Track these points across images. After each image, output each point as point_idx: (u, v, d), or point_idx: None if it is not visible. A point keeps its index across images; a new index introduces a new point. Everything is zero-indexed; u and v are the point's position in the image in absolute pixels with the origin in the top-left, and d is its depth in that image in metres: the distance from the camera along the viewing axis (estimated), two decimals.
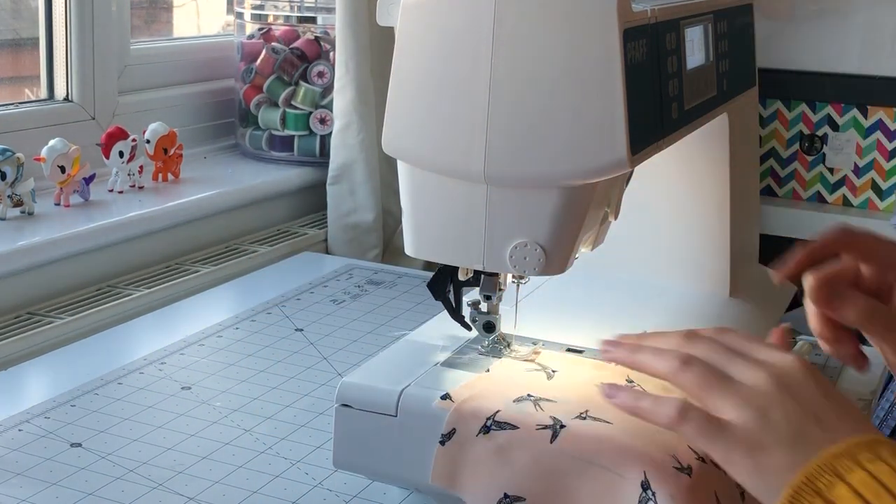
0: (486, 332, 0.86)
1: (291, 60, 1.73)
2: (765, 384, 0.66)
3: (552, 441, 0.73)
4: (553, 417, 0.74)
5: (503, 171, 0.74)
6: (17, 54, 1.61)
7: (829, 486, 0.61)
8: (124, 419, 0.98)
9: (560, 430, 0.73)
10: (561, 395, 0.78)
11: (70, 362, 1.12)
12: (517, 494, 0.73)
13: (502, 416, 0.75)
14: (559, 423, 0.74)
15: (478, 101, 0.73)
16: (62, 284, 1.31)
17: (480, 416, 0.75)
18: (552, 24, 0.71)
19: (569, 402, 0.77)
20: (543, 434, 0.73)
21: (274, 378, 1.08)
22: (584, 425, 0.74)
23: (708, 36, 0.93)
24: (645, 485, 0.71)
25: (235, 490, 0.87)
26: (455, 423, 0.75)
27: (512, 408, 0.76)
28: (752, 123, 1.16)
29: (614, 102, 0.71)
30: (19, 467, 0.89)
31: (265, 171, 1.71)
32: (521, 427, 0.74)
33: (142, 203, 1.45)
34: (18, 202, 1.33)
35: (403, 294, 1.36)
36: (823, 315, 0.78)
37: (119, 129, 1.46)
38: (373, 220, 1.67)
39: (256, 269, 1.47)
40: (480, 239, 0.78)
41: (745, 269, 1.12)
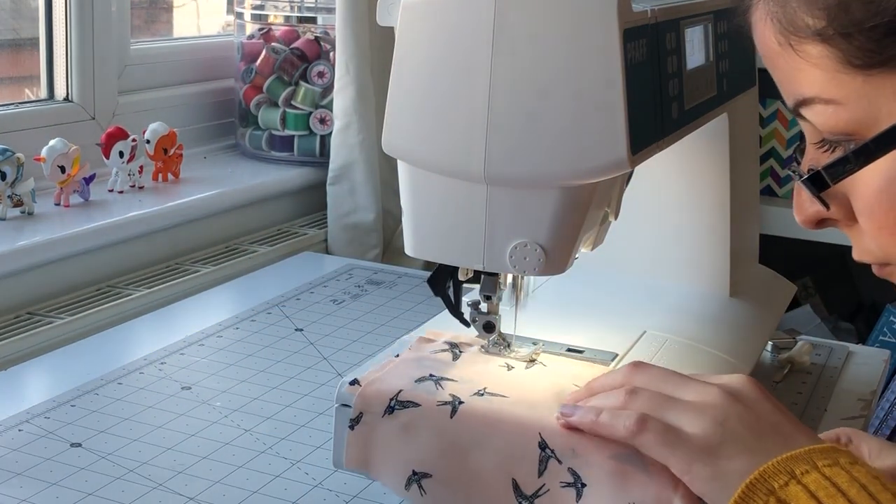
0: (485, 332, 0.86)
1: (291, 60, 1.73)
2: (717, 397, 0.68)
3: (452, 416, 0.75)
4: (452, 394, 0.77)
5: (503, 171, 0.74)
6: (17, 54, 1.61)
7: (782, 485, 0.62)
8: (124, 419, 0.98)
9: (459, 406, 0.76)
10: (462, 376, 0.81)
11: (70, 362, 1.12)
12: (424, 471, 0.75)
13: (404, 395, 0.77)
14: (458, 399, 0.76)
15: (478, 101, 0.73)
16: (62, 284, 1.31)
17: (384, 398, 0.77)
18: (552, 24, 0.71)
19: (469, 381, 0.80)
20: (444, 410, 0.76)
21: (274, 378, 1.08)
22: (481, 400, 0.77)
23: (708, 36, 0.93)
24: (542, 444, 0.73)
25: (235, 490, 0.87)
26: (361, 406, 0.78)
27: (414, 387, 0.78)
28: (752, 123, 1.16)
29: (614, 102, 0.71)
30: (19, 467, 0.89)
31: (265, 171, 1.71)
32: (422, 405, 0.77)
33: (142, 203, 1.45)
34: (18, 202, 1.33)
35: (403, 294, 1.36)
36: None
37: (119, 129, 1.46)
38: (373, 220, 1.67)
39: (256, 269, 1.47)
40: (480, 239, 0.78)
41: (745, 269, 1.12)
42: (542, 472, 0.73)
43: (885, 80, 0.59)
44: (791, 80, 0.64)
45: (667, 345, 0.93)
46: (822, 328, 2.03)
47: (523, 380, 0.82)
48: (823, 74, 0.61)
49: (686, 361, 0.91)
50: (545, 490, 0.73)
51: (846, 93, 0.61)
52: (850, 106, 0.61)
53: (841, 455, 0.63)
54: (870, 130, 0.60)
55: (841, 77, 0.60)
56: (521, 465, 0.74)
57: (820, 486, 0.61)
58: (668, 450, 0.66)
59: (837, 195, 0.64)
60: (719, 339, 0.98)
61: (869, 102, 0.60)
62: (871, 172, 0.61)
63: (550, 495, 0.73)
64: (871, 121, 0.60)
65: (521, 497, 0.73)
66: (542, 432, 0.73)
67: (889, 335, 1.92)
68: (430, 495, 0.75)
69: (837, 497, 0.60)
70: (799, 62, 0.62)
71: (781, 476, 0.62)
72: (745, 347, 0.99)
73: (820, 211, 0.66)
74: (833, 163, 0.62)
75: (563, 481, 0.72)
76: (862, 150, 0.60)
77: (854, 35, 0.59)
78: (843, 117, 0.61)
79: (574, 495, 0.72)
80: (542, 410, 0.76)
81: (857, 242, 0.66)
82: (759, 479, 0.62)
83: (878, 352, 1.22)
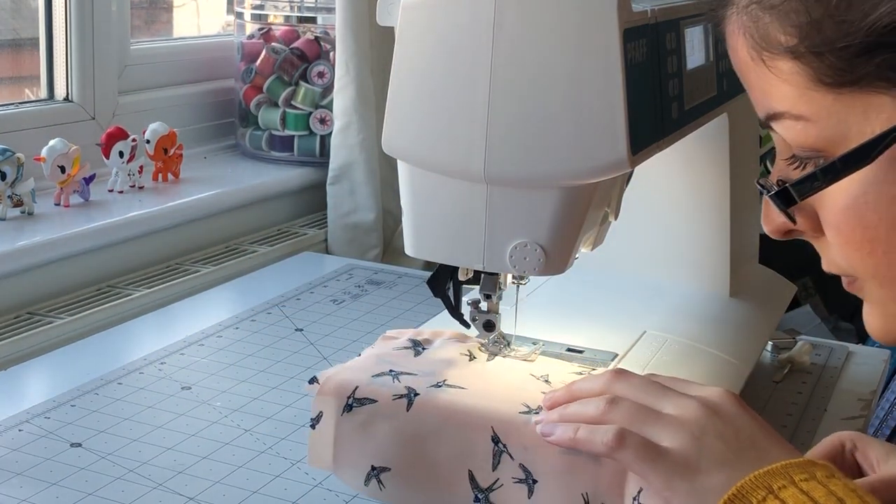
0: (485, 330, 0.86)
1: (291, 60, 1.73)
2: (695, 412, 0.68)
3: (408, 409, 0.76)
4: (407, 387, 0.77)
5: (503, 171, 0.74)
6: (17, 54, 1.61)
7: (760, 500, 0.62)
8: (124, 419, 0.98)
9: (414, 399, 0.76)
10: (422, 369, 0.81)
11: (70, 362, 1.12)
12: (382, 465, 0.76)
13: (361, 392, 0.77)
14: (413, 391, 0.77)
15: (478, 101, 0.73)
16: (62, 284, 1.31)
17: (342, 396, 0.77)
18: (552, 24, 0.71)
19: (429, 374, 0.80)
20: (400, 403, 0.76)
21: (274, 378, 1.08)
22: (438, 392, 0.77)
23: (708, 36, 0.93)
24: (495, 439, 0.74)
25: (235, 490, 0.87)
26: (320, 405, 0.78)
27: (370, 382, 0.78)
28: (752, 123, 1.16)
29: (614, 102, 0.71)
30: (19, 467, 0.89)
31: (265, 171, 1.70)
32: (379, 400, 0.77)
33: (142, 203, 1.45)
34: (18, 202, 1.33)
35: (403, 294, 1.36)
36: None
37: (119, 129, 1.46)
38: (373, 220, 1.67)
39: (256, 269, 1.47)
40: (480, 239, 0.78)
41: (745, 269, 1.12)
42: (496, 466, 0.74)
43: (854, 100, 0.60)
44: (762, 94, 0.65)
45: (667, 345, 0.93)
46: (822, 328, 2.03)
47: (484, 372, 0.82)
48: (794, 90, 0.62)
49: (686, 361, 0.91)
50: (499, 485, 0.73)
51: (816, 110, 0.61)
52: (819, 123, 0.61)
53: (818, 469, 0.63)
54: (838, 148, 0.61)
55: (811, 94, 0.61)
56: (476, 458, 0.74)
57: (798, 500, 0.61)
58: (647, 465, 0.66)
59: (805, 208, 0.65)
60: (719, 339, 0.98)
61: (838, 120, 0.61)
62: (838, 189, 0.62)
63: (504, 490, 0.73)
64: (839, 138, 0.61)
65: (477, 489, 0.74)
66: (494, 426, 0.74)
67: None
68: (389, 489, 0.76)
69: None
70: (770, 77, 0.63)
71: (759, 491, 0.62)
72: (745, 347, 0.99)
73: (787, 223, 0.66)
74: (801, 179, 0.63)
75: (516, 477, 0.73)
76: (829, 168, 0.61)
77: (825, 54, 0.59)
78: (812, 134, 0.62)
79: (526, 492, 0.73)
80: (498, 403, 0.76)
81: (824, 254, 0.67)
82: (737, 494, 0.62)
83: (878, 352, 1.22)
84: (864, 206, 0.61)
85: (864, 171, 0.60)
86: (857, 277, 0.66)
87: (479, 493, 0.74)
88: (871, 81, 0.59)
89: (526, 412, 0.75)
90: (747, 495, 0.62)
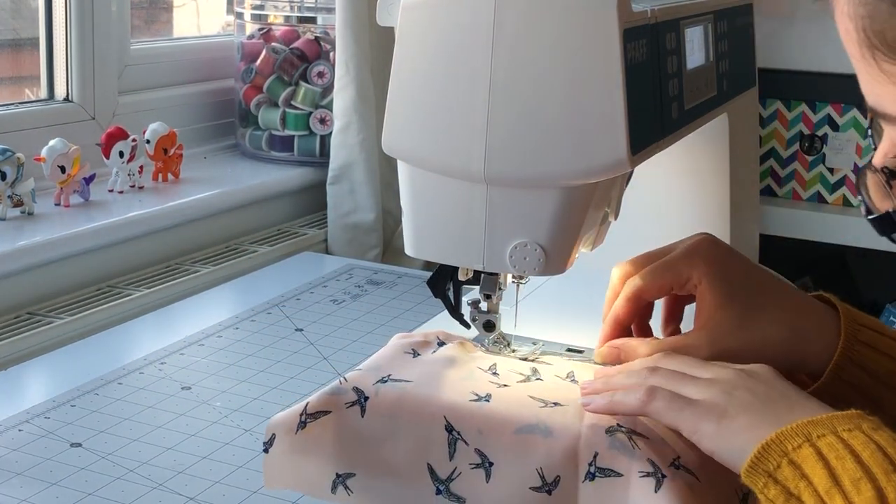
0: (485, 330, 0.86)
1: (291, 60, 1.73)
2: (729, 374, 0.69)
3: (363, 416, 0.76)
4: (356, 389, 0.77)
5: (503, 171, 0.74)
6: (17, 54, 1.61)
7: (797, 447, 0.62)
8: (124, 419, 0.98)
9: (366, 403, 0.76)
10: (367, 364, 0.81)
11: (70, 362, 1.12)
12: (347, 471, 0.75)
13: (312, 406, 0.77)
14: (362, 394, 0.76)
15: (478, 102, 0.73)
16: (62, 284, 1.31)
17: (294, 414, 0.77)
18: (552, 24, 0.71)
19: (375, 368, 0.80)
20: (353, 410, 0.76)
21: (274, 378, 1.08)
22: (384, 389, 0.77)
23: (708, 36, 0.93)
24: (449, 427, 0.74)
25: (235, 490, 0.87)
26: (272, 429, 0.77)
27: (319, 394, 0.78)
28: (752, 123, 1.16)
29: (614, 102, 0.71)
30: (19, 467, 0.89)
31: (265, 171, 1.71)
32: (332, 410, 0.76)
33: (142, 203, 1.45)
34: (18, 202, 1.33)
35: (403, 294, 1.36)
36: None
37: (119, 129, 1.46)
38: (373, 220, 1.67)
39: (256, 269, 1.47)
40: (480, 239, 0.78)
41: None
42: (452, 456, 0.74)
43: None
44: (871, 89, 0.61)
45: None
46: None
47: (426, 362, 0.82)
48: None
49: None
50: (458, 473, 0.74)
51: None
52: None
53: (864, 421, 0.62)
54: None
55: None
56: (433, 450, 0.74)
57: (832, 448, 0.60)
58: (675, 413, 0.67)
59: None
60: None
61: None
62: None
63: (463, 478, 0.73)
64: None
65: (437, 482, 0.74)
66: (447, 416, 0.74)
67: None
68: (357, 493, 0.76)
69: (846, 458, 0.60)
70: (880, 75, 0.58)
71: (797, 438, 0.62)
72: None
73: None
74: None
75: (472, 462, 0.73)
76: None
77: None
78: None
79: (484, 475, 0.73)
80: (447, 391, 0.76)
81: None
82: (775, 440, 0.62)
83: None
84: None
85: None
86: None
87: (439, 486, 0.74)
88: None
89: (476, 400, 0.75)
90: (784, 442, 0.62)
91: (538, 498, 0.71)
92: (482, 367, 0.81)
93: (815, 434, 0.62)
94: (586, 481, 0.70)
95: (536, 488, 0.71)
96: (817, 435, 0.61)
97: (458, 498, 0.73)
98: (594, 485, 0.70)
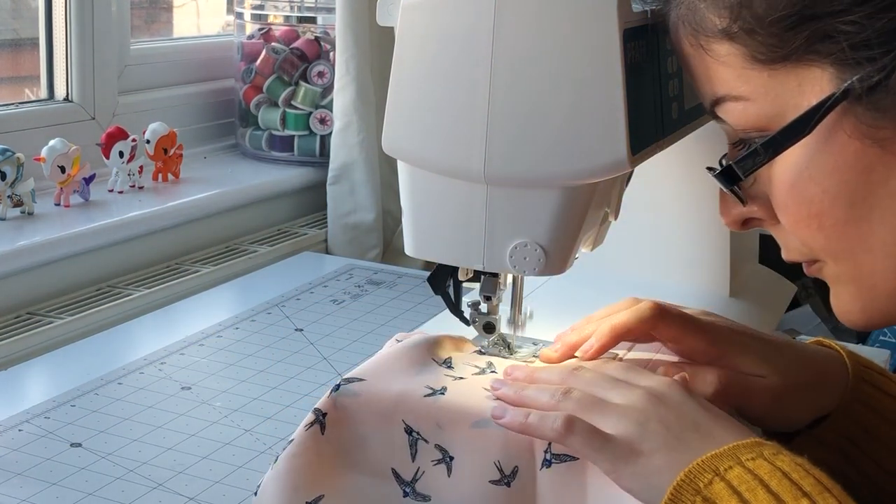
0: (486, 332, 0.86)
1: (291, 60, 1.73)
2: (640, 401, 0.70)
3: (322, 433, 0.75)
4: (315, 410, 0.76)
5: (503, 171, 0.74)
6: (17, 54, 1.61)
7: (707, 483, 0.63)
8: (124, 419, 0.98)
9: (325, 419, 0.75)
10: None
11: (70, 362, 1.12)
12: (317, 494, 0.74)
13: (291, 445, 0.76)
14: (320, 412, 0.76)
15: (478, 102, 0.73)
16: (62, 284, 1.31)
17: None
18: (552, 24, 0.71)
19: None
20: (314, 430, 0.75)
21: (274, 378, 1.08)
22: (340, 398, 0.76)
23: None
24: (408, 429, 0.74)
25: (235, 490, 0.87)
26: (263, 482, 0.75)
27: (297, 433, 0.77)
28: None
29: (614, 102, 0.71)
30: (19, 467, 0.89)
31: (265, 171, 1.71)
32: (294, 437, 0.76)
33: (142, 203, 1.45)
34: (18, 202, 1.33)
35: (403, 294, 1.36)
36: None
37: (119, 129, 1.46)
38: (373, 220, 1.67)
39: (256, 269, 1.47)
40: (480, 239, 0.78)
41: (745, 269, 1.12)
42: (414, 456, 0.74)
43: (788, 75, 0.62)
44: (704, 81, 0.67)
45: None
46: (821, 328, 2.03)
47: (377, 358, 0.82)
48: (732, 72, 0.64)
49: None
50: (421, 472, 0.74)
51: (753, 88, 0.63)
52: (758, 101, 0.64)
53: (765, 447, 0.64)
54: (777, 125, 0.63)
55: (748, 73, 0.63)
56: (396, 454, 0.74)
57: (742, 480, 0.62)
58: (594, 451, 0.68)
59: (758, 195, 0.67)
60: None
61: (775, 96, 0.63)
62: (782, 167, 0.64)
63: (427, 476, 0.74)
64: (778, 115, 0.63)
65: (403, 484, 0.74)
66: (404, 418, 0.74)
67: (889, 335, 1.92)
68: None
69: (758, 489, 0.61)
70: (710, 62, 0.65)
71: (706, 474, 0.63)
72: None
73: (742, 211, 0.68)
74: (743, 157, 0.65)
75: (434, 459, 0.74)
76: (770, 142, 0.63)
77: (757, 31, 0.62)
78: (752, 113, 0.64)
79: (445, 470, 0.73)
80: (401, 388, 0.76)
81: (783, 242, 0.69)
82: (686, 479, 0.63)
83: (877, 352, 1.22)
84: (807, 181, 0.63)
85: (803, 146, 0.62)
86: (815, 259, 0.67)
87: (406, 488, 0.74)
88: (801, 55, 0.61)
89: (430, 394, 0.75)
90: (695, 479, 0.63)
91: (498, 492, 0.72)
92: (437, 361, 0.81)
93: (722, 467, 0.63)
94: (543, 469, 0.71)
95: (496, 482, 0.72)
96: (724, 468, 0.63)
97: (423, 497, 0.73)
98: (551, 471, 0.71)
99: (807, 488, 0.61)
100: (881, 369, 0.81)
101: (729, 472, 0.62)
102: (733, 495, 0.61)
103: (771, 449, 0.64)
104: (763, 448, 0.64)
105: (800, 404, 0.78)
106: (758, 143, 0.64)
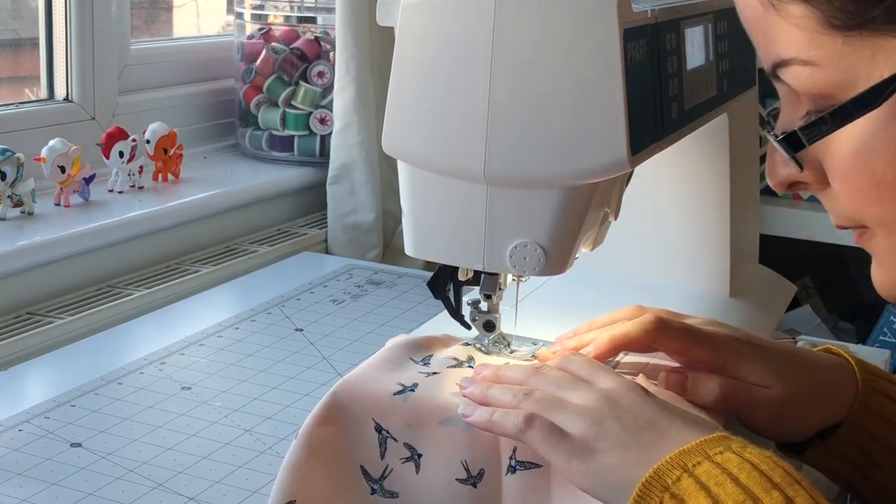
0: (486, 331, 0.86)
1: (291, 60, 1.73)
2: (597, 401, 0.70)
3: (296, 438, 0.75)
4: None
5: (503, 171, 0.74)
6: (17, 54, 1.61)
7: (676, 480, 0.63)
8: (124, 419, 0.98)
9: (299, 432, 0.75)
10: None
11: (70, 362, 1.12)
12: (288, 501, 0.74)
13: None
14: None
15: (478, 102, 0.73)
16: (62, 284, 1.31)
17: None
18: (552, 24, 0.71)
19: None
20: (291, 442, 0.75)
21: (274, 378, 1.08)
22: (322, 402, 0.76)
23: (708, 36, 0.93)
24: (378, 428, 0.75)
25: (235, 490, 0.87)
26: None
27: None
28: (752, 123, 1.16)
29: (614, 102, 0.71)
30: (19, 467, 0.89)
31: (265, 171, 1.70)
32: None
33: (142, 203, 1.45)
34: (18, 202, 1.33)
35: (403, 294, 1.36)
36: None
37: (119, 129, 1.46)
38: (373, 220, 1.67)
39: (256, 269, 1.47)
40: (480, 239, 0.78)
41: (745, 269, 1.12)
42: (383, 455, 0.75)
43: (863, 43, 0.60)
44: (771, 42, 0.64)
45: None
46: (822, 328, 2.03)
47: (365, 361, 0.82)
48: (803, 35, 0.61)
49: None
50: (390, 470, 0.74)
51: (825, 54, 0.61)
52: (828, 68, 0.61)
53: (733, 441, 0.64)
54: (847, 93, 0.61)
55: (821, 38, 0.61)
56: (365, 452, 0.75)
57: (710, 475, 0.62)
58: (550, 448, 0.69)
59: (810, 158, 0.64)
60: None
61: (847, 64, 0.60)
62: (846, 135, 0.61)
63: (395, 473, 0.74)
64: (848, 83, 0.61)
65: (371, 481, 0.75)
66: (374, 417, 0.75)
67: (889, 335, 1.92)
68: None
69: (726, 483, 0.61)
70: (780, 22, 0.62)
71: (675, 471, 0.63)
72: None
73: (792, 173, 0.66)
74: (809, 123, 0.62)
75: (402, 457, 0.74)
76: (839, 111, 0.61)
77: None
78: (820, 79, 0.62)
79: (414, 468, 0.74)
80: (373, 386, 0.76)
81: (831, 207, 0.67)
82: (654, 476, 0.64)
83: (878, 352, 1.22)
84: (871, 152, 0.61)
85: (871, 117, 0.60)
86: (866, 227, 0.65)
87: (373, 485, 0.75)
88: (879, 24, 0.59)
89: (400, 391, 0.76)
90: (663, 476, 0.63)
91: (464, 490, 0.73)
92: (415, 360, 0.81)
93: (690, 463, 0.63)
94: (508, 474, 0.72)
95: (462, 480, 0.73)
96: (692, 464, 0.63)
97: (391, 493, 0.74)
98: (516, 477, 0.72)
99: (776, 479, 0.61)
100: (891, 377, 0.81)
101: (697, 467, 0.63)
102: (701, 490, 0.62)
103: (738, 443, 0.64)
104: (731, 442, 0.64)
105: (806, 414, 0.79)
106: (826, 112, 0.61)
